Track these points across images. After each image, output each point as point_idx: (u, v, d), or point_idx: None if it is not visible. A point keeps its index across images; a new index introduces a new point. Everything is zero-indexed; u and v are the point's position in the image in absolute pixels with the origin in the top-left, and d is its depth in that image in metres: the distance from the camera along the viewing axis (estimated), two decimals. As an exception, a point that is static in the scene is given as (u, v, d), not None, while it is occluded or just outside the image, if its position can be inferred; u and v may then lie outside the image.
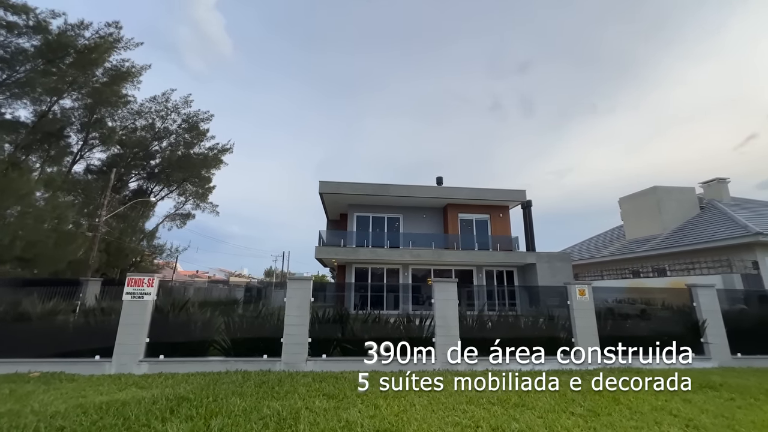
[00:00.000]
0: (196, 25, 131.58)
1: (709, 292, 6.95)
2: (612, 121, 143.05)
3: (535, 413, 4.02)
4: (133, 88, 22.75)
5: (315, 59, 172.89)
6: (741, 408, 4.30)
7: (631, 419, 3.90)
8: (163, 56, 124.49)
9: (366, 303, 17.56)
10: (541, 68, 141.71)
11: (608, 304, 10.30)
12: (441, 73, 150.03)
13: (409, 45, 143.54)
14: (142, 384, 4.91)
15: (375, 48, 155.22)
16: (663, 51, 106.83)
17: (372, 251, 16.98)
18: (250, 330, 6.17)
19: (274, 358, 5.88)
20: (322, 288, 25.06)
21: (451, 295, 6.42)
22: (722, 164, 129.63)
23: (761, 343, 6.97)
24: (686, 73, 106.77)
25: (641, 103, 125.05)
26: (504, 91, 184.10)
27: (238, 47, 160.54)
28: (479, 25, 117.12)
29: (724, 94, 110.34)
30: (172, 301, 6.22)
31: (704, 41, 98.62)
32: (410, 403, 4.30)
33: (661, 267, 15.43)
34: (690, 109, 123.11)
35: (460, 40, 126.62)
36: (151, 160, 27.98)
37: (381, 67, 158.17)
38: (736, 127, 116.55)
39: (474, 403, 4.34)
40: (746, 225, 12.32)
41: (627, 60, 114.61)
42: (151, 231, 27.72)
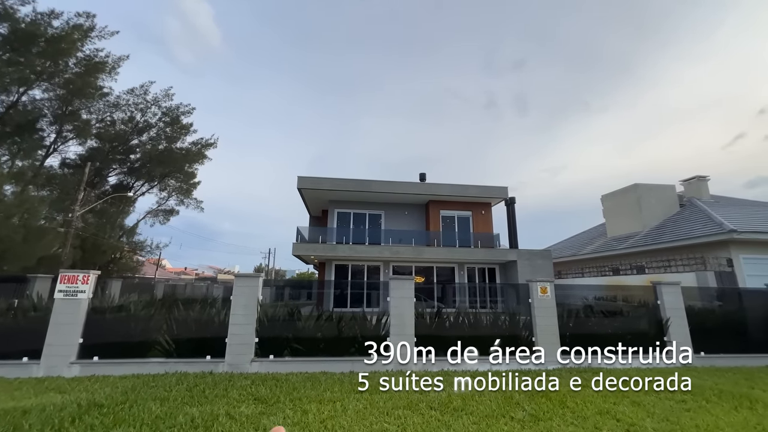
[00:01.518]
0: (184, 16, 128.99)
1: (673, 289, 6.81)
2: (605, 120, 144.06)
3: (472, 418, 3.80)
4: (110, 79, 22.16)
5: (308, 55, 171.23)
6: (690, 411, 4.12)
7: (571, 424, 3.70)
8: (152, 48, 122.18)
9: (346, 301, 17.35)
10: (535, 67, 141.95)
11: (587, 301, 10.21)
12: (436, 70, 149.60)
13: (403, 42, 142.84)
14: (65, 388, 4.59)
15: (369, 45, 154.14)
16: (656, 51, 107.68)
17: (351, 248, 16.70)
18: (194, 330, 5.87)
19: (217, 359, 5.59)
20: (303, 285, 24.81)
21: (408, 293, 6.18)
22: (711, 163, 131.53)
23: (724, 341, 6.86)
24: (678, 73, 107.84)
25: (634, 103, 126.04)
26: (499, 89, 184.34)
27: (227, 39, 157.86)
28: (474, 22, 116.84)
29: (713, 94, 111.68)
30: (111, 299, 5.86)
31: (696, 43, 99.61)
32: (343, 407, 4.05)
33: (640, 264, 15.39)
34: (681, 108, 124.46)
35: (456, 38, 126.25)
36: (131, 155, 27.30)
37: (376, 64, 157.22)
38: (725, 126, 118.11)
39: (412, 407, 4.11)
40: (721, 223, 12.28)
41: (620, 60, 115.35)
42: (131, 227, 27.11)
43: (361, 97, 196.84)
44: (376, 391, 4.67)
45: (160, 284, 14.75)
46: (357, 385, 4.89)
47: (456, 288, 17.98)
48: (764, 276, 11.47)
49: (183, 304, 6.14)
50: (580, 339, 6.58)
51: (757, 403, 4.39)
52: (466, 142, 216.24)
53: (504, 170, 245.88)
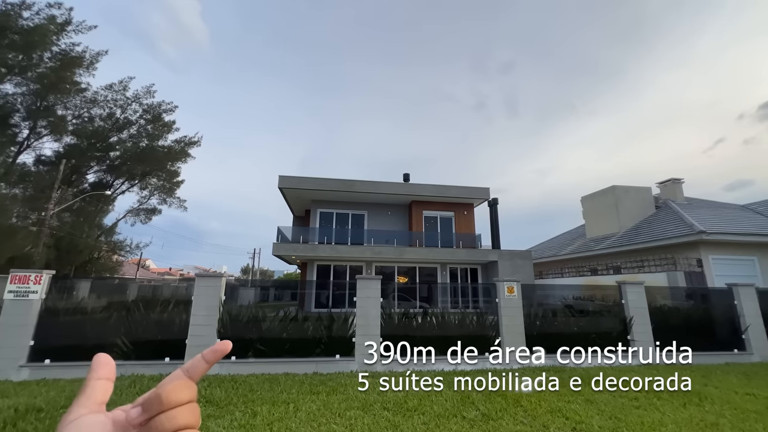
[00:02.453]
0: (170, 10, 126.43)
1: (637, 289, 6.94)
2: (592, 123, 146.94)
3: (423, 418, 3.79)
4: (87, 75, 21.60)
5: (297, 55, 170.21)
6: (639, 408, 4.19)
7: (520, 423, 3.72)
8: (136, 45, 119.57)
9: (329, 301, 17.23)
10: (524, 70, 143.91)
11: (566, 301, 10.35)
12: (427, 72, 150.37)
13: (393, 44, 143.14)
14: (9, 392, 4.42)
15: (359, 46, 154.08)
16: (641, 58, 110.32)
17: (333, 248, 16.60)
18: (155, 331, 5.73)
19: (177, 361, 5.46)
20: (288, 286, 24.56)
21: (374, 293, 6.15)
22: (693, 166, 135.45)
23: (688, 339, 6.99)
24: (661, 79, 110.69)
25: (620, 107, 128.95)
26: (489, 91, 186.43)
27: (215, 37, 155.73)
28: (464, 24, 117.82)
29: (695, 100, 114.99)
30: (66, 300, 5.68)
31: (679, 50, 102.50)
32: (296, 409, 3.99)
33: (617, 265, 15.68)
34: (665, 113, 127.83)
35: (446, 40, 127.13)
36: (111, 152, 26.64)
37: (366, 65, 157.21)
38: (706, 131, 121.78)
39: (367, 408, 4.07)
40: (692, 224, 12.60)
41: (607, 65, 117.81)
42: (110, 226, 26.45)
43: (351, 98, 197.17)
44: (335, 392, 4.63)
45: (134, 285, 14.35)
46: (317, 386, 4.85)
47: (439, 288, 18.05)
48: (732, 276, 11.80)
49: (144, 305, 5.98)
50: (547, 338, 6.66)
51: (705, 400, 4.50)
52: (457, 143, 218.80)
53: (494, 171, 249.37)
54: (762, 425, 3.77)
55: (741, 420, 3.89)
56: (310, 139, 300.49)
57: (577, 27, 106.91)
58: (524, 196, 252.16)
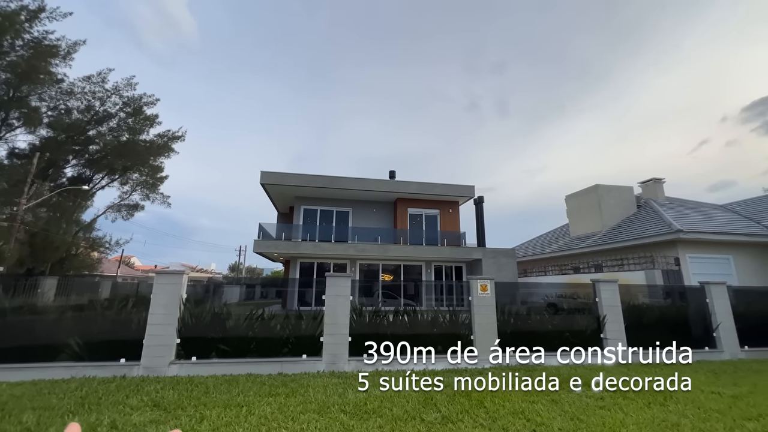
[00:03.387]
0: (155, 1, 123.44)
1: (610, 287, 6.91)
2: (581, 124, 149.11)
3: (381, 421, 3.64)
4: (64, 65, 20.87)
5: (288, 51, 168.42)
6: (603, 408, 4.11)
7: (480, 426, 3.59)
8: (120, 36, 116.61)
9: (312, 299, 17.00)
10: (515, 69, 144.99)
11: (548, 299, 10.33)
12: (420, 71, 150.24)
13: (387, 40, 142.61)
14: (-60, 397, 4.13)
15: (352, 42, 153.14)
16: (628, 60, 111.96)
17: (315, 245, 16.37)
18: (111, 331, 5.47)
19: (133, 362, 5.22)
20: (273, 284, 24.21)
21: (343, 291, 5.98)
22: (678, 167, 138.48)
23: (661, 337, 6.99)
24: (648, 81, 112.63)
25: (607, 108, 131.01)
26: (480, 91, 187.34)
27: (203, 30, 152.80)
28: (457, 24, 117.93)
29: (680, 102, 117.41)
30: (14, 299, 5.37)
31: (665, 53, 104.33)
32: (249, 412, 3.80)
33: (598, 263, 15.81)
34: (651, 115, 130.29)
35: (438, 39, 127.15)
36: (90, 146, 25.83)
37: (358, 62, 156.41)
38: (691, 133, 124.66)
39: (324, 410, 3.91)
40: (670, 223, 12.74)
41: (595, 66, 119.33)
42: (89, 222, 25.71)
43: (344, 98, 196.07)
44: (295, 394, 4.45)
45: (107, 282, 13.87)
46: (277, 388, 4.66)
47: (424, 286, 17.98)
48: (708, 274, 11.97)
49: (101, 304, 5.70)
50: (521, 337, 6.58)
51: (670, 400, 4.45)
52: (449, 142, 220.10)
53: (485, 170, 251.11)
54: (722, 425, 3.72)
55: (703, 420, 3.84)
56: (303, 137, 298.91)
57: (569, 29, 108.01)
58: (515, 195, 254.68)
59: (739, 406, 4.27)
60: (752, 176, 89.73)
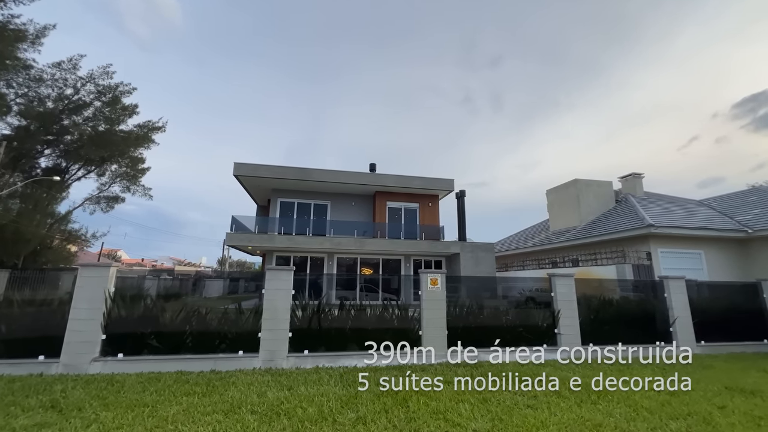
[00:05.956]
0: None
1: (566, 281, 6.76)
2: (573, 120, 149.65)
3: (289, 423, 3.43)
4: (33, 50, 20.11)
5: (280, 41, 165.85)
6: (532, 407, 3.95)
7: (392, 427, 3.40)
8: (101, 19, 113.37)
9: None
10: (510, 64, 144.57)
11: (525, 292, 10.20)
12: (414, 64, 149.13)
13: (381, 33, 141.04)
14: None
15: (346, 33, 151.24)
16: (621, 56, 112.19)
17: (290, 239, 16.08)
18: (33, 327, 5.18)
19: (52, 360, 4.94)
20: (256, 278, 23.82)
21: (284, 285, 5.74)
22: (668, 162, 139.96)
23: (618, 332, 6.86)
24: (640, 77, 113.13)
25: (600, 104, 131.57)
26: (474, 86, 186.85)
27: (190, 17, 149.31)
28: (453, 16, 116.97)
29: (672, 98, 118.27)
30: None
31: (658, 50, 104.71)
32: (153, 413, 3.56)
33: (575, 258, 15.77)
34: (643, 111, 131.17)
35: (433, 32, 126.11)
36: (65, 136, 25.07)
37: (353, 54, 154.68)
38: (681, 129, 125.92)
39: (233, 411, 3.68)
40: (643, 217, 12.67)
41: (589, 62, 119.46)
42: (64, 214, 25.06)
43: (337, 88, 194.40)
44: (212, 393, 4.22)
45: (68, 276, 13.45)
46: (195, 387, 4.41)
47: (402, 280, 17.80)
48: (679, 269, 11.96)
49: (23, 299, 5.39)
50: (473, 332, 6.41)
51: (603, 398, 4.30)
52: (442, 136, 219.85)
53: (478, 165, 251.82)
54: (647, 425, 3.58)
55: (629, 419, 3.69)
56: (297, 130, 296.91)
57: (562, 23, 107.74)
58: (507, 191, 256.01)
59: (672, 404, 4.13)
60: (741, 173, 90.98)
